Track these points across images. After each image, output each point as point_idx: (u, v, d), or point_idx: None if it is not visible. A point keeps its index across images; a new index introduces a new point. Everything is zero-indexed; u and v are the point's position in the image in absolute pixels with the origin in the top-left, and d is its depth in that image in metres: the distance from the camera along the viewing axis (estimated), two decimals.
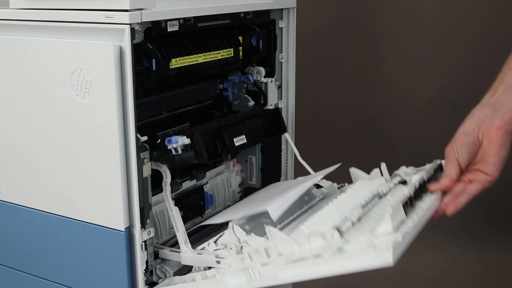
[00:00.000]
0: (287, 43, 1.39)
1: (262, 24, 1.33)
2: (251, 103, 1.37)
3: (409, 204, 1.03)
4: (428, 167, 1.21)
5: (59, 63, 1.05)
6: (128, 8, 0.98)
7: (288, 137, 1.39)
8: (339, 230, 0.94)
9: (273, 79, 1.38)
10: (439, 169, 1.18)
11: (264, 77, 1.37)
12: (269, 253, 1.00)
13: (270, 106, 1.38)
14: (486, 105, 1.08)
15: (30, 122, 1.12)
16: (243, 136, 1.19)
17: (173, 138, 1.10)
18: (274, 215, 1.07)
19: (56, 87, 1.06)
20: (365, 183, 1.19)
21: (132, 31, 0.99)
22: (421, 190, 1.10)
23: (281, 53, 1.39)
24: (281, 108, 1.42)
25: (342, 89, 2.17)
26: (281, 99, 1.42)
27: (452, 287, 1.93)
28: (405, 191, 1.05)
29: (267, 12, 1.32)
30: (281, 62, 1.40)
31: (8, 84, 1.13)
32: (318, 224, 1.01)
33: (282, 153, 1.45)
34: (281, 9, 1.35)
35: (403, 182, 1.17)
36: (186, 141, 1.10)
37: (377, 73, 2.13)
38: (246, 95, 1.38)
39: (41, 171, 1.14)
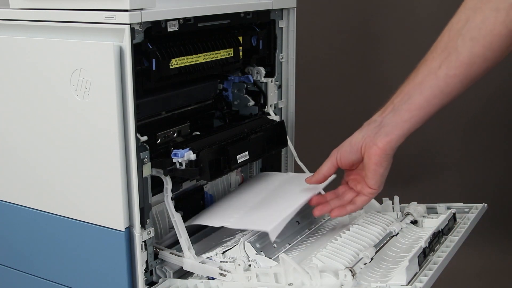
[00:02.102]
0: (287, 43, 1.39)
1: (262, 24, 1.33)
2: (251, 103, 1.37)
3: (421, 254, 1.05)
4: (439, 211, 1.23)
5: (59, 63, 1.05)
6: (128, 8, 0.98)
7: (287, 138, 1.39)
8: (351, 271, 0.96)
9: (273, 79, 1.38)
10: (453, 218, 1.20)
11: (264, 77, 1.37)
12: (278, 279, 1.01)
13: (271, 106, 1.38)
14: (374, 122, 1.10)
15: (30, 122, 1.12)
16: (246, 153, 1.20)
17: (180, 152, 1.09)
18: (273, 236, 1.09)
19: (56, 87, 1.06)
20: (377, 217, 1.20)
21: (132, 31, 0.99)
22: (433, 239, 1.11)
23: (281, 53, 1.39)
24: (281, 108, 1.42)
25: (342, 89, 2.17)
26: (281, 99, 1.42)
27: (452, 286, 1.93)
28: (421, 243, 1.06)
29: (267, 12, 1.32)
30: (281, 62, 1.40)
31: (8, 84, 1.13)
32: (331, 259, 1.03)
33: (282, 153, 1.45)
34: (281, 9, 1.35)
35: (414, 222, 1.20)
36: (192, 156, 1.10)
37: (377, 73, 2.12)
38: (246, 95, 1.38)
39: (41, 171, 1.14)
